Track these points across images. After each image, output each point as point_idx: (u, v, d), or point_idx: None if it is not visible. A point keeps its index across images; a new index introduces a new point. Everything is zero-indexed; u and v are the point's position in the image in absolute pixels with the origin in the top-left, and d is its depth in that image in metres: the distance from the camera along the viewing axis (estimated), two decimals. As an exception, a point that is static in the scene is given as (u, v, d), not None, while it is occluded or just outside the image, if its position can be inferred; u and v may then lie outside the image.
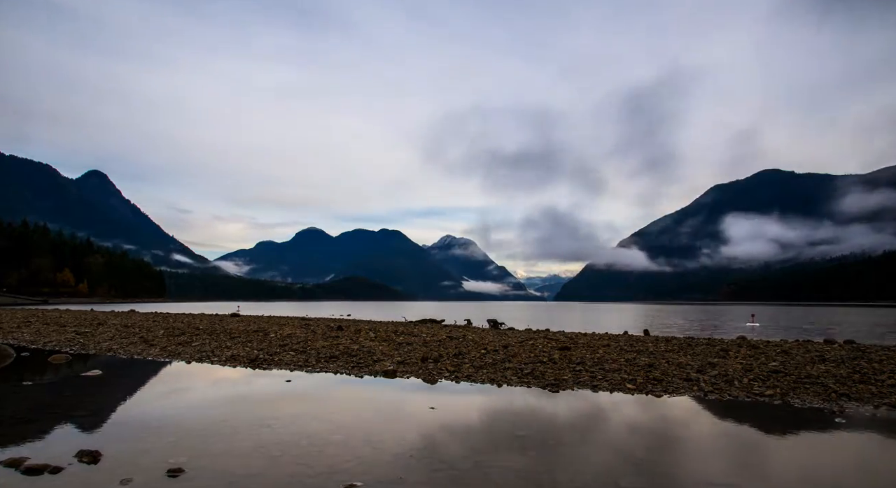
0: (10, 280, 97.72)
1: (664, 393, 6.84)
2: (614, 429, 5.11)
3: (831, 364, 8.83)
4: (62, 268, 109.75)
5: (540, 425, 5.22)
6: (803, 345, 12.22)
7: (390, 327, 17.27)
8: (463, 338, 13.30)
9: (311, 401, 6.41)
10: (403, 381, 7.72)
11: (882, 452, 4.54)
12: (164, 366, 9.34)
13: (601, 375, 7.87)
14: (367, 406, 6.10)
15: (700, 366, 8.51)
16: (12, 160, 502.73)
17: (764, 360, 9.17)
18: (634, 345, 11.76)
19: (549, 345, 11.38)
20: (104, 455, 4.03)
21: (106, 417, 5.47)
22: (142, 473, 3.68)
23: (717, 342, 12.74)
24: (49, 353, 10.55)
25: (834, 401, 6.32)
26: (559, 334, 15.42)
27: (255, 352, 10.33)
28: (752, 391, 6.86)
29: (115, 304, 68.36)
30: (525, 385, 7.37)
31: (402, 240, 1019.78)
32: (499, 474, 3.77)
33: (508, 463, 4.03)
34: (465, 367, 8.63)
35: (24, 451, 4.16)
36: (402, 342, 12.14)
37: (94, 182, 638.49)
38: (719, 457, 4.30)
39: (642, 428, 5.17)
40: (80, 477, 3.61)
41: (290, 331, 14.89)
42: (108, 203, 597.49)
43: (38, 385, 7.28)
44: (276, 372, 8.44)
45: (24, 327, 16.88)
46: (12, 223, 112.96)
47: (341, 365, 9.02)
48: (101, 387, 7.16)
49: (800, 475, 3.87)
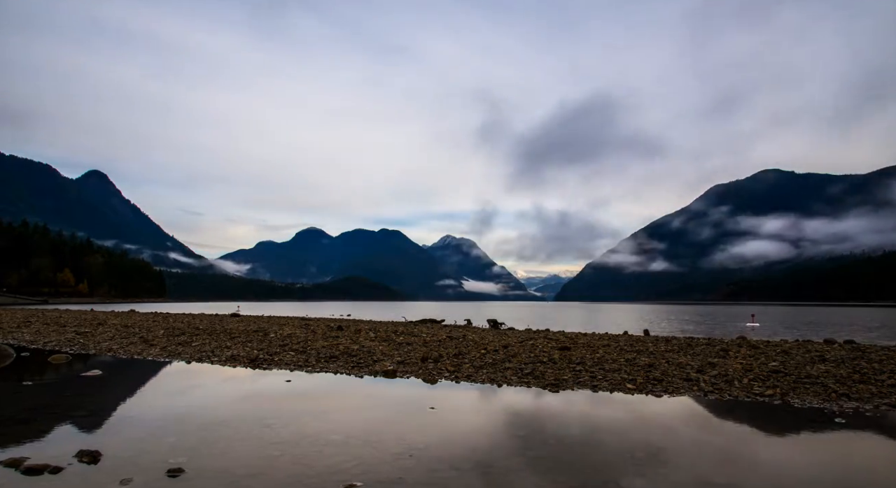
0: (10, 280, 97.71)
1: (664, 393, 6.84)
2: (614, 429, 5.10)
3: (831, 364, 8.83)
4: (62, 268, 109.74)
5: (540, 425, 5.22)
6: (803, 345, 12.22)
7: (390, 327, 17.28)
8: (463, 338, 13.30)
9: (311, 401, 6.41)
10: (403, 381, 7.72)
11: (882, 452, 4.54)
12: (164, 366, 9.34)
13: (601, 375, 7.87)
14: (367, 406, 6.10)
15: (700, 366, 8.51)
16: (12, 160, 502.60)
17: (764, 360, 9.17)
18: (634, 345, 11.76)
19: (549, 345, 11.38)
20: (104, 455, 4.03)
21: (106, 417, 5.47)
22: (142, 473, 3.67)
23: (717, 342, 12.74)
24: (49, 353, 10.55)
25: (834, 401, 6.32)
26: (559, 334, 15.43)
27: (255, 352, 10.33)
28: (752, 391, 6.86)
29: (115, 304, 68.36)
30: (525, 385, 7.37)
31: (402, 240, 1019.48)
32: (499, 474, 3.77)
33: (508, 463, 4.03)
34: (465, 367, 8.63)
35: (24, 451, 4.16)
36: (402, 342, 12.14)
37: (94, 182, 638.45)
38: (719, 457, 4.30)
39: (642, 428, 5.16)
40: (80, 477, 3.61)
41: (290, 331, 14.89)
42: (108, 203, 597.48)
43: (38, 385, 7.28)
44: (276, 373, 8.44)
45: (24, 327, 16.88)
46: (12, 223, 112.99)
47: (341, 365, 9.02)
48: (101, 387, 7.16)
49: (800, 475, 3.87)
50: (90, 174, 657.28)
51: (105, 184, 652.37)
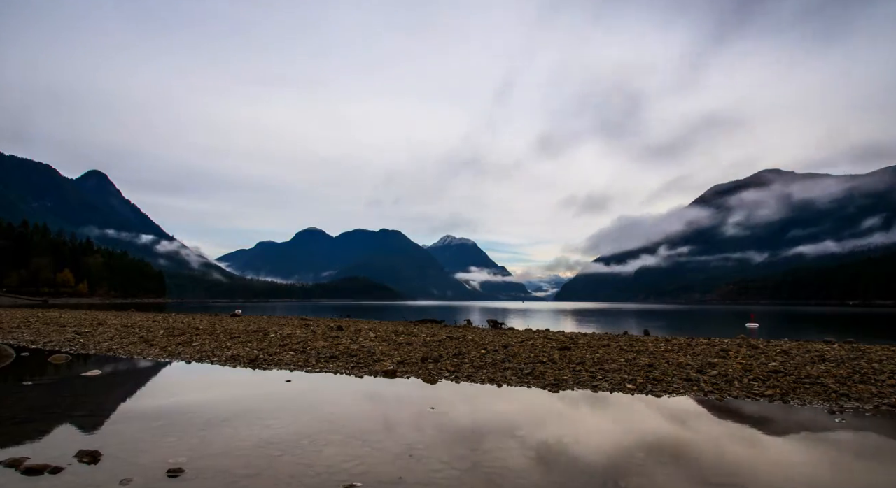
0: (10, 280, 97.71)
1: (664, 393, 6.84)
2: (614, 429, 5.10)
3: (831, 364, 8.83)
4: (62, 268, 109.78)
5: (540, 425, 5.22)
6: (803, 345, 12.21)
7: (390, 327, 17.28)
8: (463, 338, 13.29)
9: (312, 401, 6.41)
10: (403, 381, 7.72)
11: (882, 452, 4.54)
12: (164, 366, 9.33)
13: (601, 375, 7.87)
14: (367, 406, 6.10)
15: (700, 366, 8.51)
16: (12, 160, 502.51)
17: (764, 360, 9.16)
18: (634, 345, 11.76)
19: (548, 345, 11.38)
20: (104, 455, 4.03)
21: (106, 417, 5.47)
22: (142, 473, 3.68)
23: (717, 342, 12.74)
24: (49, 353, 10.55)
25: (834, 401, 6.32)
26: (559, 334, 15.43)
27: (255, 352, 10.33)
28: (752, 391, 6.86)
29: (115, 304, 68.36)
30: (525, 385, 7.37)
31: (402, 240, 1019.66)
32: (499, 474, 3.77)
33: (508, 463, 4.03)
34: (465, 367, 8.62)
35: (24, 451, 4.16)
36: (402, 342, 12.14)
37: (94, 182, 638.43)
38: (719, 457, 4.30)
39: (642, 428, 5.16)
40: (80, 477, 3.61)
41: (290, 331, 14.89)
42: (108, 203, 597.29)
43: (38, 385, 7.28)
44: (276, 373, 8.43)
45: (24, 327, 16.88)
46: (12, 223, 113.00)
47: (341, 365, 9.02)
48: (101, 387, 7.16)
49: (800, 475, 3.87)
50: (90, 174, 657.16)
51: (105, 184, 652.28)
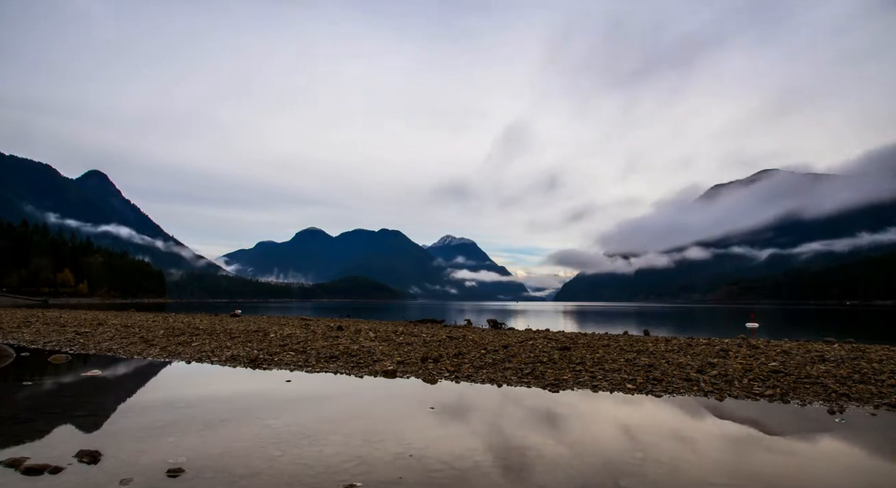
0: (10, 280, 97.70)
1: (664, 393, 6.84)
2: (614, 429, 5.10)
3: (831, 364, 8.83)
4: (62, 268, 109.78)
5: (540, 425, 5.22)
6: (803, 345, 12.21)
7: (390, 327, 17.28)
8: (463, 338, 13.29)
9: (311, 401, 6.41)
10: (403, 381, 7.72)
11: (882, 452, 4.54)
12: (164, 366, 9.33)
13: (601, 375, 7.87)
14: (367, 406, 6.10)
15: (700, 366, 8.51)
16: (12, 160, 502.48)
17: (764, 360, 9.16)
18: (634, 345, 11.76)
19: (548, 345, 11.38)
20: (104, 455, 4.03)
21: (106, 417, 5.47)
22: (142, 473, 3.67)
23: (717, 342, 12.74)
24: (49, 353, 10.54)
25: (834, 401, 6.32)
26: (559, 334, 15.43)
27: (255, 352, 10.33)
28: (752, 391, 6.86)
29: (115, 304, 68.35)
30: (525, 385, 7.37)
31: (402, 240, 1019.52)
32: (499, 474, 3.77)
33: (508, 463, 4.03)
34: (465, 367, 8.62)
35: (24, 451, 4.15)
36: (402, 342, 12.14)
37: (94, 182, 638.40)
38: (719, 457, 4.30)
39: (642, 428, 5.16)
40: (80, 477, 3.60)
41: (290, 331, 14.89)
42: (109, 203, 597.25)
43: (38, 385, 7.28)
44: (276, 373, 8.43)
45: (24, 327, 16.87)
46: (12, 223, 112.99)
47: (341, 365, 9.02)
48: (101, 387, 7.16)
49: (800, 475, 3.87)
50: (90, 174, 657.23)
51: (105, 184, 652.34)
